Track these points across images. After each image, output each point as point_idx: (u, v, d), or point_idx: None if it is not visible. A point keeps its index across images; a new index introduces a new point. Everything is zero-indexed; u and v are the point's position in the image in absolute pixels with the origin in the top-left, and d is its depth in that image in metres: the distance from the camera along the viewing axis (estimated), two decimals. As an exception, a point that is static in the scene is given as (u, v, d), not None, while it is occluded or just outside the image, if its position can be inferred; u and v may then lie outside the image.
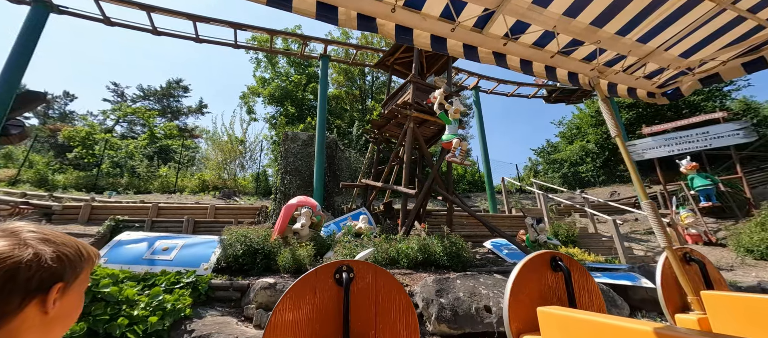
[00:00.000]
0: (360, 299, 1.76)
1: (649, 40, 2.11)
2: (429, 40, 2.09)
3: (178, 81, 39.60)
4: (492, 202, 13.77)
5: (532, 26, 2.05)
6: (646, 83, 2.50)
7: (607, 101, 2.20)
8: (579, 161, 23.69)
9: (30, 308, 0.68)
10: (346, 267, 1.78)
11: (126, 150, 20.49)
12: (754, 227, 7.47)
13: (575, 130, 25.98)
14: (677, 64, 2.27)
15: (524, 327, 1.79)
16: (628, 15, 1.98)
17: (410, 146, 7.65)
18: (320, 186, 11.08)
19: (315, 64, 25.61)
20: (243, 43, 13.07)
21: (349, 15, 1.97)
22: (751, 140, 10.93)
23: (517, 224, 10.12)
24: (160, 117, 35.38)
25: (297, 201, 6.37)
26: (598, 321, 1.33)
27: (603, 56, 2.21)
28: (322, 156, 11.62)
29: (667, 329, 1.08)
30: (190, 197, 13.62)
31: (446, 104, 6.68)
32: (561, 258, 1.98)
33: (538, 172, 28.46)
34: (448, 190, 8.22)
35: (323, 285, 1.72)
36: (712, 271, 2.15)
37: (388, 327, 1.76)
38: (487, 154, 14.87)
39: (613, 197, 16.62)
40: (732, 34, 2.04)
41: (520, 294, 1.85)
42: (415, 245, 5.41)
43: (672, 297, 2.07)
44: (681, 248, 2.17)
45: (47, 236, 0.75)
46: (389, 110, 8.46)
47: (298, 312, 1.64)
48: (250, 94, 26.86)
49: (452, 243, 5.65)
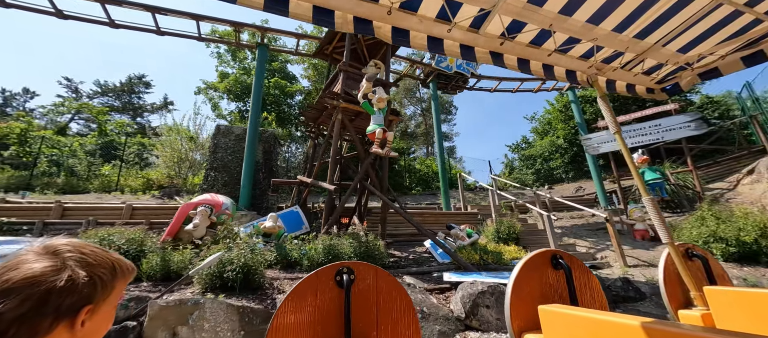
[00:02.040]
0: (361, 300, 2.13)
1: (647, 36, 2.61)
2: (425, 41, 2.58)
3: (141, 77, 42.44)
4: (446, 199, 15.22)
5: (529, 25, 2.56)
6: (644, 79, 3.00)
7: (606, 98, 2.71)
8: (549, 156, 27.33)
9: (59, 329, 0.84)
10: (347, 268, 2.17)
11: (70, 148, 22.50)
12: (693, 222, 8.48)
13: (547, 125, 29.73)
14: (676, 60, 2.78)
15: (526, 325, 2.20)
16: (624, 11, 2.47)
17: (337, 139, 8.47)
18: (248, 183, 12.02)
19: (284, 58, 29.51)
20: (203, 36, 14.38)
21: (346, 18, 2.41)
22: (701, 132, 12.42)
23: (469, 222, 11.16)
24: (119, 114, 37.52)
25: (198, 200, 7.01)
26: (600, 318, 1.64)
27: (600, 53, 2.72)
28: (252, 151, 12.57)
29: (670, 325, 1.36)
30: (128, 197, 14.57)
31: (370, 93, 7.42)
32: (562, 256, 2.43)
33: (514, 168, 33.23)
34: (381, 186, 8.95)
35: (324, 287, 2.07)
36: (716, 266, 2.62)
37: (389, 327, 2.15)
38: (443, 150, 16.72)
39: (579, 192, 19.14)
40: (730, 28, 2.53)
41: (522, 292, 2.27)
42: (321, 246, 6.05)
43: (675, 293, 2.53)
44: (683, 244, 2.63)
45: (86, 257, 0.93)
46: (319, 101, 9.19)
47: (300, 314, 1.97)
48: (206, 89, 29.37)
49: (363, 243, 6.34)
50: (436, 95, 18.10)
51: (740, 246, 7.49)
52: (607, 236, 10.42)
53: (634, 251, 9.09)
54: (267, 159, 14.44)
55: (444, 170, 16.13)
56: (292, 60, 31.05)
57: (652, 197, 2.54)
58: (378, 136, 7.30)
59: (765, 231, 7.51)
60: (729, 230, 7.76)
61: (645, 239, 10.16)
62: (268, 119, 25.23)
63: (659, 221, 2.50)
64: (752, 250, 7.47)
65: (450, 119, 46.32)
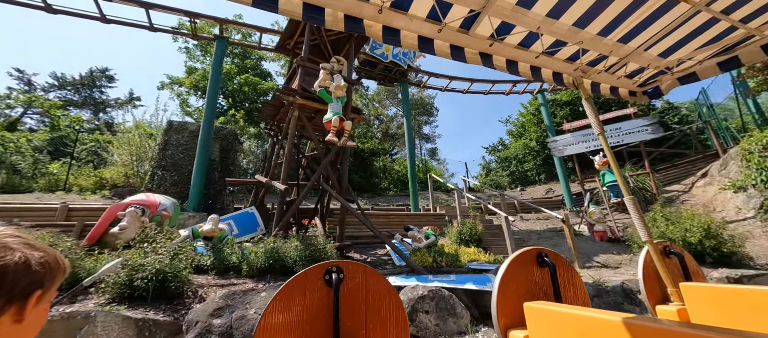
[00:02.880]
0: (350, 299, 2.13)
1: (630, 41, 2.72)
2: (416, 41, 2.61)
3: (104, 70, 40.37)
4: (414, 200, 15.41)
5: (517, 27, 2.62)
6: (627, 82, 3.13)
7: (590, 101, 2.81)
8: (523, 158, 28.63)
9: (7, 314, 0.78)
10: (336, 267, 2.15)
11: (15, 144, 21.30)
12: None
13: (521, 128, 31.09)
14: (656, 64, 2.91)
15: (511, 323, 2.26)
16: (609, 16, 2.56)
17: (293, 137, 8.26)
18: (200, 182, 11.65)
19: (259, 55, 29.23)
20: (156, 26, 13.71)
21: (336, 16, 2.41)
22: (658, 135, 13.35)
23: (436, 223, 11.67)
24: (79, 109, 35.66)
25: (129, 200, 6.72)
26: (582, 314, 1.70)
27: (586, 56, 2.81)
28: (206, 149, 12.21)
29: (647, 320, 1.42)
30: (73, 197, 13.93)
31: (327, 81, 7.38)
32: (547, 253, 2.51)
33: (490, 170, 34.42)
34: (341, 186, 8.88)
35: (313, 286, 2.05)
36: (691, 263, 2.76)
37: (378, 326, 2.16)
38: (413, 151, 16.85)
39: (549, 194, 19.97)
40: (707, 34, 2.67)
41: (508, 290, 2.33)
42: (261, 250, 5.86)
43: (653, 289, 2.65)
44: (661, 242, 2.76)
45: (30, 242, 0.87)
46: (276, 98, 8.96)
47: (288, 313, 1.95)
48: (171, 84, 28.65)
49: (309, 246, 6.18)
50: (407, 92, 18.11)
51: (686, 247, 7.73)
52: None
53: (594, 253, 9.41)
54: (224, 158, 14.02)
55: (413, 171, 16.24)
56: (267, 57, 30.68)
57: (633, 197, 2.64)
58: (334, 124, 7.17)
59: (709, 232, 7.86)
60: (676, 231, 8.14)
61: (603, 240, 10.52)
62: (236, 116, 24.80)
63: (639, 221, 2.61)
64: (697, 250, 7.73)
65: (431, 121, 46.69)
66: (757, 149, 10.77)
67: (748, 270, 7.11)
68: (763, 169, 10.20)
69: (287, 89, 8.62)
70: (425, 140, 46.06)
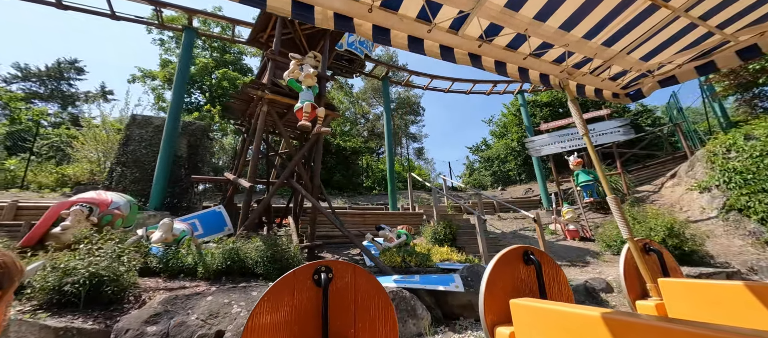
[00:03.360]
0: (339, 299, 2.14)
1: (613, 44, 2.81)
2: (406, 41, 2.62)
3: (72, 61, 38.32)
4: (392, 199, 15.29)
5: (506, 29, 2.66)
6: (611, 84, 3.23)
7: (576, 102, 2.89)
8: (505, 158, 29.06)
9: None
10: (325, 267, 2.16)
11: None
12: (611, 223, 9.31)
13: (503, 128, 31.53)
14: (638, 67, 3.01)
15: (498, 319, 2.31)
16: (593, 19, 2.63)
17: (261, 133, 8.01)
18: (163, 180, 11.21)
19: (241, 49, 28.56)
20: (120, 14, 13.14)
21: (326, 14, 2.39)
22: (629, 136, 13.80)
23: (414, 223, 11.75)
24: (45, 102, 34.00)
25: (76, 198, 6.26)
26: (566, 310, 1.76)
27: (571, 59, 2.88)
28: (170, 144, 11.76)
29: (626, 315, 1.49)
30: (29, 194, 13.26)
31: (296, 72, 7.31)
32: (533, 251, 2.58)
33: (474, 170, 34.78)
34: (313, 184, 8.61)
35: (302, 286, 2.06)
36: (669, 260, 2.87)
37: (366, 325, 2.17)
38: (392, 148, 16.63)
39: (528, 194, 20.39)
40: (686, 39, 2.77)
41: (495, 287, 2.38)
42: (219, 251, 5.56)
43: (633, 284, 2.76)
44: (641, 240, 2.86)
45: None
46: (243, 92, 8.70)
47: (276, 314, 1.95)
48: (143, 77, 27.72)
49: (272, 246, 5.90)
50: (388, 88, 17.96)
51: None
52: (546, 237, 11.00)
53: (564, 251, 9.61)
54: (192, 154, 13.36)
55: (392, 170, 16.16)
56: (248, 52, 29.95)
57: (615, 197, 2.73)
58: (306, 110, 7.04)
59: (672, 231, 8.11)
60: (641, 230, 8.35)
61: (575, 239, 10.75)
62: (212, 111, 24.20)
63: (621, 219, 2.70)
64: None
65: (418, 120, 46.67)
66: (721, 152, 11.14)
67: (706, 268, 7.35)
68: (725, 170, 10.54)
69: (255, 82, 8.28)
70: (412, 140, 46.19)
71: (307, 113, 7.04)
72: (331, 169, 24.53)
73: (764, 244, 8.71)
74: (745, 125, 11.95)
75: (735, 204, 9.86)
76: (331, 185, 23.92)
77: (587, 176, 13.15)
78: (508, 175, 28.71)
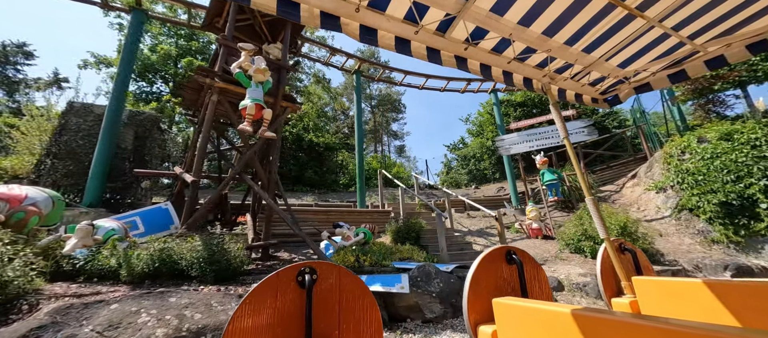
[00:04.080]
0: (323, 300, 2.13)
1: (593, 51, 2.89)
2: (393, 41, 2.61)
3: (20, 45, 35.71)
4: (361, 196, 15.20)
5: (491, 33, 2.69)
6: (590, 90, 3.34)
7: (557, 106, 2.96)
8: (480, 157, 29.36)
9: None
10: (309, 268, 2.15)
11: None
12: (574, 221, 9.44)
13: (479, 127, 31.96)
14: (616, 74, 3.12)
15: (481, 318, 2.37)
16: (574, 26, 2.70)
17: (210, 124, 7.49)
18: (101, 174, 10.24)
19: (210, 37, 26.88)
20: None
21: (312, 12, 2.34)
22: (593, 137, 13.87)
23: (381, 221, 11.71)
24: None
25: None
26: (544, 308, 1.83)
27: (553, 64, 2.95)
28: (111, 135, 10.73)
29: (601, 312, 1.58)
30: None
31: (247, 63, 6.73)
32: (515, 251, 2.64)
33: (451, 168, 34.82)
34: (269, 180, 8.33)
35: (285, 288, 2.05)
36: (643, 259, 3.00)
37: (351, 326, 2.17)
38: (362, 144, 16.35)
39: (500, 192, 20.69)
40: (659, 48, 2.89)
41: (478, 286, 2.45)
42: (146, 252, 5.03)
43: (609, 282, 2.87)
44: (617, 239, 2.97)
45: None
46: (191, 80, 8.17)
47: (258, 317, 1.92)
48: (97, 63, 26.20)
49: (211, 245, 5.44)
50: (359, 83, 17.78)
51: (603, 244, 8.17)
52: (510, 234, 11.33)
53: (525, 250, 9.66)
54: (139, 146, 12.28)
55: (361, 166, 16.02)
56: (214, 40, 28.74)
57: (593, 197, 2.82)
58: (249, 112, 6.44)
59: (625, 229, 8.26)
60: (596, 229, 8.44)
61: (538, 237, 10.82)
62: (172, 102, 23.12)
63: (598, 219, 2.79)
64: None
65: (400, 118, 46.57)
66: (677, 153, 11.43)
67: (653, 266, 7.58)
68: (679, 172, 10.84)
69: (205, 69, 7.65)
70: (394, 137, 46.16)
71: (251, 115, 6.48)
72: (304, 165, 24.18)
73: (711, 243, 8.97)
74: (700, 128, 12.35)
75: (686, 204, 10.11)
76: (303, 181, 23.64)
77: (552, 175, 13.30)
78: (484, 173, 28.91)
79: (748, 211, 8.73)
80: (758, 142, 9.44)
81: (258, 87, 6.78)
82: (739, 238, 8.63)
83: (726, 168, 9.49)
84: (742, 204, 8.83)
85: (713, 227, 9.18)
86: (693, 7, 2.50)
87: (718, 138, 10.45)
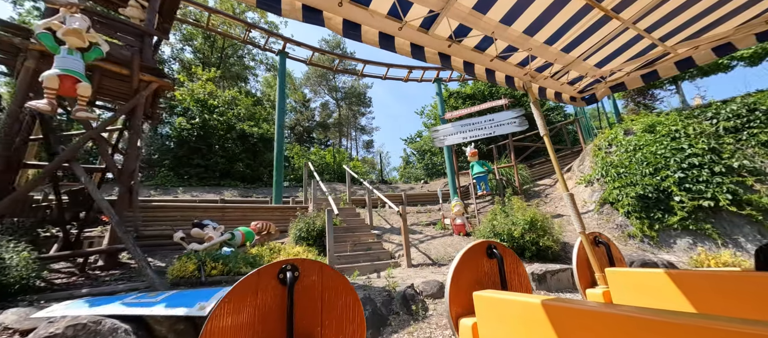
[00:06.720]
0: (305, 297, 2.07)
1: (571, 50, 2.92)
2: (377, 37, 2.53)
3: None
4: (277, 191, 13.72)
5: (474, 31, 2.67)
6: (569, 88, 3.38)
7: (537, 104, 2.98)
8: (434, 150, 27.93)
9: None
10: (291, 266, 2.07)
11: None
12: (489, 216, 8.87)
13: (435, 120, 30.04)
14: (593, 73, 3.17)
15: (462, 311, 2.38)
16: (554, 26, 2.72)
17: (24, 96, 5.68)
18: None
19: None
20: None
21: (294, 5, 2.23)
22: (524, 128, 12.74)
23: (284, 219, 10.55)
24: None
25: None
26: (522, 300, 1.86)
27: (534, 62, 2.97)
28: None
29: (574, 302, 1.63)
30: None
31: (55, 23, 5.27)
32: (496, 246, 2.64)
33: (409, 163, 33.47)
34: (123, 170, 6.74)
35: (266, 286, 1.97)
36: (616, 251, 3.08)
37: (334, 323, 2.13)
38: (282, 133, 14.79)
39: (446, 187, 18.91)
40: (633, 49, 2.95)
41: (460, 280, 2.46)
42: None
43: (584, 274, 2.94)
44: (591, 233, 3.03)
45: None
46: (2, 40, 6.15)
47: (238, 316, 1.85)
48: None
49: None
50: (284, 66, 15.71)
51: (510, 240, 7.55)
52: (434, 231, 10.52)
53: (441, 248, 8.69)
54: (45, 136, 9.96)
55: (280, 157, 14.24)
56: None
57: (571, 193, 2.85)
58: (48, 84, 4.89)
59: (533, 225, 7.61)
60: (505, 224, 7.89)
61: (461, 233, 9.92)
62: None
63: (575, 214, 2.83)
64: (520, 244, 7.43)
65: (368, 112, 45.45)
66: (604, 146, 11.18)
67: (553, 264, 6.87)
68: (605, 164, 10.52)
69: (15, 26, 6.01)
70: (362, 132, 45.24)
71: (51, 88, 4.90)
72: (234, 157, 21.88)
73: (627, 237, 8.63)
74: (629, 121, 12.06)
75: (608, 198, 9.74)
76: (232, 175, 21.59)
77: (481, 167, 12.50)
78: (437, 168, 27.52)
79: (663, 204, 8.55)
80: (677, 134, 9.34)
81: (73, 56, 5.32)
82: (653, 233, 8.42)
83: (646, 160, 9.39)
84: (658, 197, 8.66)
85: (630, 221, 8.92)
86: (664, 10, 2.56)
87: (642, 130, 10.28)
